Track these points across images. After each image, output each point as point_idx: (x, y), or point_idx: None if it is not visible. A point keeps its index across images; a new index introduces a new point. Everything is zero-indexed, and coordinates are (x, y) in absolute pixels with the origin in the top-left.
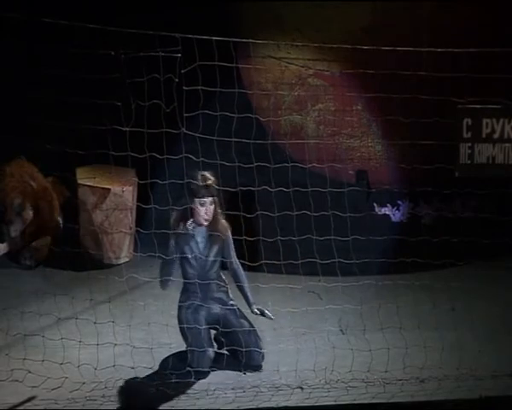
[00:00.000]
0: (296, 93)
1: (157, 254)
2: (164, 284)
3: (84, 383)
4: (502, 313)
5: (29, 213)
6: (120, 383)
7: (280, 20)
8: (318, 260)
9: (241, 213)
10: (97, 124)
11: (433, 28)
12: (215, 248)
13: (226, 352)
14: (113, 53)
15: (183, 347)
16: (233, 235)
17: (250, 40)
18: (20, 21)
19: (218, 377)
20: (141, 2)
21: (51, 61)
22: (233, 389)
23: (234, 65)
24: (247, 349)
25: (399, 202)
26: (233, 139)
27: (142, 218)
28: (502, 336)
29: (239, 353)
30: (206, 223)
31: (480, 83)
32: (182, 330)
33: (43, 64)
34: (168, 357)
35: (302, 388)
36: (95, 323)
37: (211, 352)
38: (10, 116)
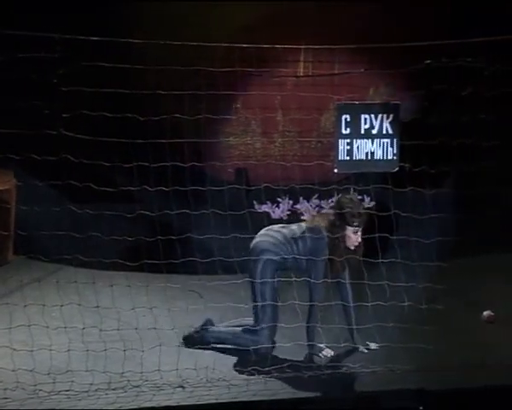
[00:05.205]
0: (177, 92)
1: (36, 256)
2: None
3: None
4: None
5: None
6: (0, 385)
7: (161, 19)
8: (198, 259)
9: (122, 214)
10: None
11: (315, 27)
12: None
13: None
14: None
15: (64, 348)
16: (113, 235)
17: (128, 40)
18: None
19: (98, 378)
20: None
21: None
22: (114, 389)
23: (114, 65)
24: None
25: (279, 199)
26: (112, 139)
27: (21, 219)
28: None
29: None
30: (352, 248)
31: (360, 79)
32: None
33: None
34: None
35: (183, 387)
36: None
37: None
38: None
